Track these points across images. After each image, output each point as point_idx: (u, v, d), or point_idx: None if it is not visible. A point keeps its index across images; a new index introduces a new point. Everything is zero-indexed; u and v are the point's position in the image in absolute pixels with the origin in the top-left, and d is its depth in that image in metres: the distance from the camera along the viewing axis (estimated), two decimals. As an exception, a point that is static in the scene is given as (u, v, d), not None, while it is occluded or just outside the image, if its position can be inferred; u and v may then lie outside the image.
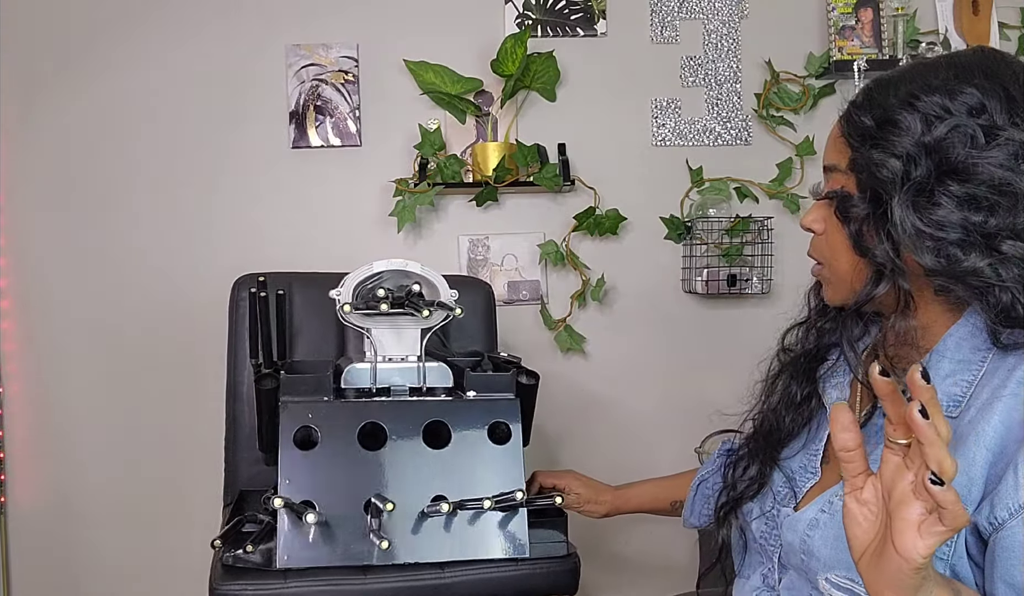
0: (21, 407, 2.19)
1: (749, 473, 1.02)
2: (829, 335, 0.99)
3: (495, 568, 1.14)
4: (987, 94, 0.78)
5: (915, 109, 0.80)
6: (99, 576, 2.20)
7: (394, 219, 2.12)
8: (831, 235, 0.89)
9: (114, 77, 2.18)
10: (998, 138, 0.77)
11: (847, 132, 0.86)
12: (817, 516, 0.86)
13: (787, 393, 1.01)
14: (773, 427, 1.01)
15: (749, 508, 1.01)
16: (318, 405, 1.17)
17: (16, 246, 2.19)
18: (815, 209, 0.92)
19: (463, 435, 1.18)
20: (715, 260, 2.13)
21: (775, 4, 2.21)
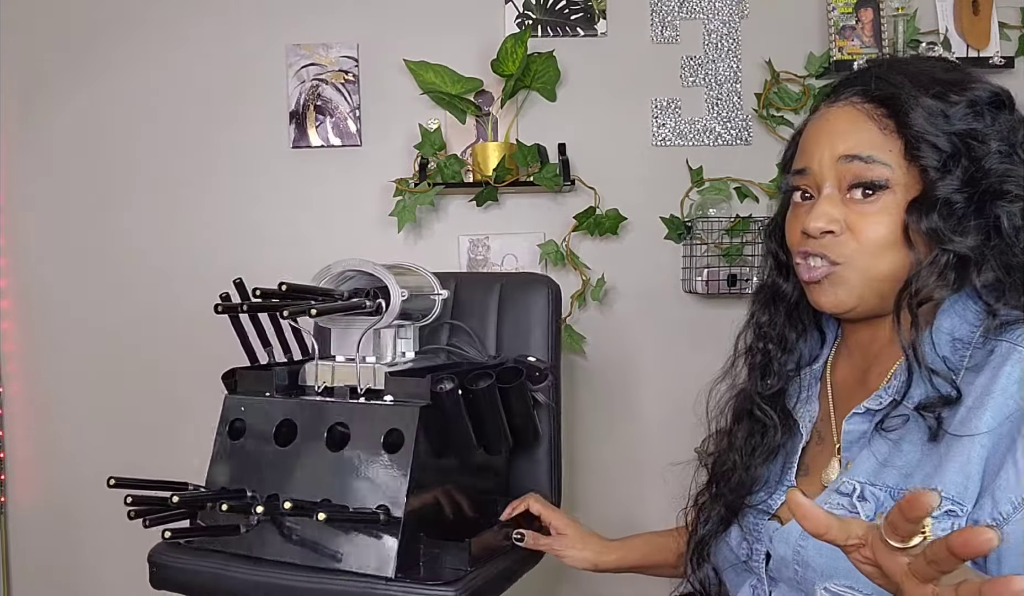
0: (21, 407, 2.19)
1: (715, 513, 0.97)
2: (788, 365, 0.96)
3: (348, 581, 1.09)
4: (991, 91, 0.83)
5: (975, 99, 0.82)
6: (99, 576, 2.20)
7: (394, 219, 2.12)
8: (866, 233, 0.82)
9: (114, 77, 2.18)
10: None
11: (903, 122, 0.81)
12: None
13: (759, 440, 0.94)
14: (742, 479, 0.94)
15: (722, 538, 0.96)
16: (254, 400, 1.22)
17: (16, 246, 2.19)
18: (828, 208, 0.84)
19: (360, 440, 1.15)
20: (715, 260, 2.13)
21: (775, 4, 2.21)
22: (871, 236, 0.83)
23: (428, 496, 1.16)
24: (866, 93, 0.85)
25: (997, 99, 0.83)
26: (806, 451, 0.93)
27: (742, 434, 0.97)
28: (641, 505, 2.15)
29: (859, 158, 0.83)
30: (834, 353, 0.97)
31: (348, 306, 1.20)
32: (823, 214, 0.84)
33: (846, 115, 0.86)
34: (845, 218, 0.84)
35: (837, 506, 0.82)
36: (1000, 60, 2.14)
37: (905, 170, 0.81)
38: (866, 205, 0.83)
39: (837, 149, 0.84)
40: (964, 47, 2.17)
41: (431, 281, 1.36)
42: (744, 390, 1.00)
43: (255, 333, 1.36)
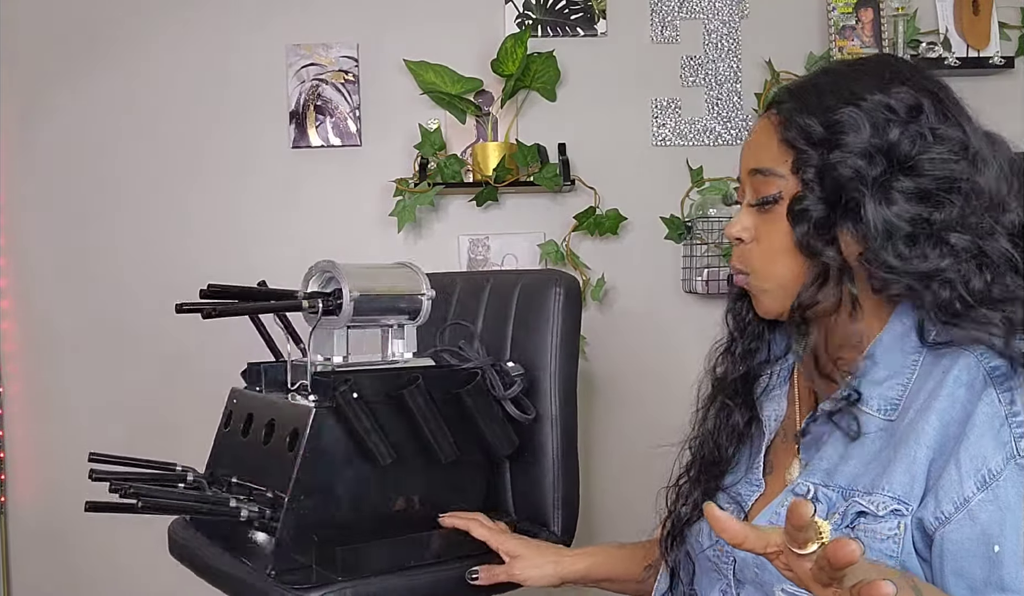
0: (21, 407, 2.19)
1: (692, 499, 0.99)
2: (757, 354, 0.98)
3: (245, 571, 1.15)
4: (920, 94, 0.82)
5: (861, 109, 0.81)
6: (99, 576, 2.20)
7: (394, 219, 2.12)
8: (766, 242, 0.87)
9: (114, 77, 2.18)
10: (938, 135, 0.80)
11: (788, 135, 0.84)
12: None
13: (724, 420, 0.98)
14: (715, 457, 0.98)
15: (697, 529, 0.98)
16: (241, 393, 1.32)
17: (16, 246, 2.19)
18: (742, 217, 0.89)
19: (277, 437, 1.20)
20: (715, 260, 2.13)
21: (775, 4, 2.21)
22: (765, 245, 0.87)
23: (322, 498, 1.16)
24: (779, 103, 0.88)
25: (890, 108, 0.82)
26: (772, 449, 0.94)
27: (712, 413, 1.00)
28: (641, 505, 2.14)
29: (759, 172, 0.87)
30: (812, 349, 0.96)
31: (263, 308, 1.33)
32: (736, 222, 0.89)
33: (761, 127, 0.89)
34: (755, 227, 0.88)
35: None
36: (1000, 60, 2.14)
37: (795, 182, 0.84)
38: (767, 215, 0.86)
39: (749, 163, 0.89)
40: (964, 47, 2.17)
41: (419, 282, 1.36)
42: (716, 376, 1.03)
43: (285, 332, 1.39)
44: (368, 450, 1.18)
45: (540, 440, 1.38)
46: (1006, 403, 0.75)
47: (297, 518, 1.14)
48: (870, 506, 0.78)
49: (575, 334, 1.41)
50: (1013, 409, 0.75)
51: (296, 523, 1.14)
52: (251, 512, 1.13)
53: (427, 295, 1.33)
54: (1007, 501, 0.74)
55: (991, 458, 0.75)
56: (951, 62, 2.13)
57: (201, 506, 1.16)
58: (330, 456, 1.18)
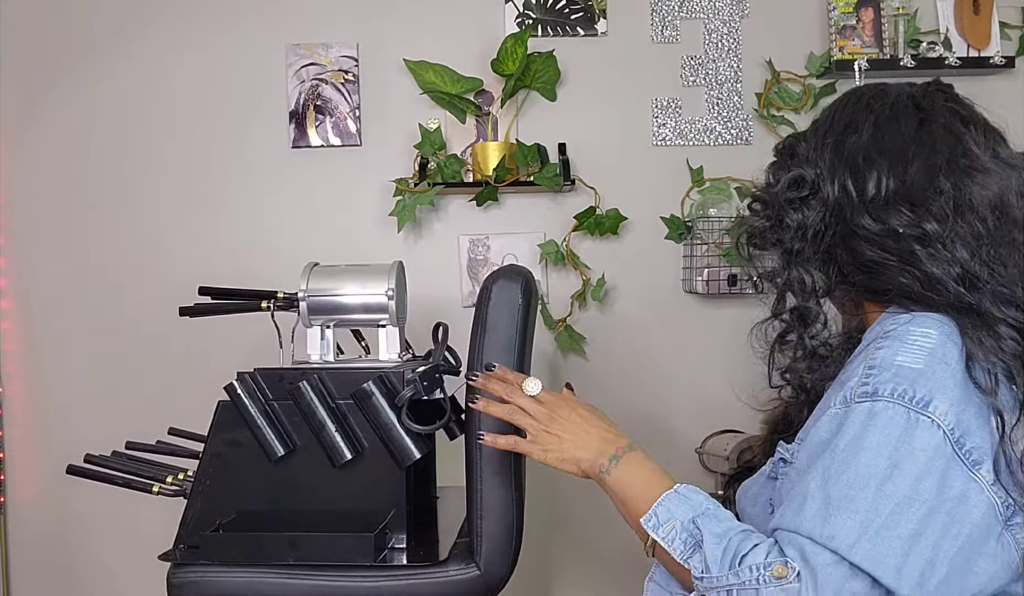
0: (21, 407, 2.19)
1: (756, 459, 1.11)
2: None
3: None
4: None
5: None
6: (99, 575, 2.20)
7: (394, 219, 2.12)
8: None
9: (114, 77, 2.18)
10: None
11: None
12: (753, 480, 1.00)
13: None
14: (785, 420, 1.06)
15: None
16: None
17: (16, 246, 2.19)
18: None
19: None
20: (716, 260, 2.12)
21: (776, 4, 2.21)
22: None
23: (223, 487, 1.28)
24: None
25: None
26: None
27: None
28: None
29: None
30: None
31: (227, 307, 1.45)
32: None
33: None
34: None
35: (768, 464, 0.98)
36: (1001, 60, 2.14)
37: None
38: None
39: None
40: (964, 47, 2.16)
41: (381, 282, 1.38)
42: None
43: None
44: (260, 443, 1.25)
45: (468, 454, 1.27)
46: (872, 356, 0.83)
47: (202, 502, 1.26)
48: (787, 454, 0.91)
49: (510, 328, 1.26)
50: (871, 360, 0.82)
51: (200, 507, 1.26)
52: (162, 489, 1.28)
53: (388, 295, 1.36)
54: (816, 432, 0.84)
55: (832, 397, 0.85)
56: (952, 62, 2.13)
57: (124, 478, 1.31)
58: (233, 448, 1.27)
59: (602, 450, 0.98)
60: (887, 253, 0.87)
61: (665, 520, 0.87)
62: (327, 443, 1.25)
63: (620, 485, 0.96)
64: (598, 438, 1.00)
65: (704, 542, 0.82)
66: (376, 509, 1.27)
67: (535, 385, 1.05)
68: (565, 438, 1.00)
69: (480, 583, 1.24)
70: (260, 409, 1.27)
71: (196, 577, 1.21)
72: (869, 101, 0.93)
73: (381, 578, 1.22)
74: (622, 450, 0.98)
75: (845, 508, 0.76)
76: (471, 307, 1.64)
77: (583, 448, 0.99)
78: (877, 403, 0.79)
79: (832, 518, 0.77)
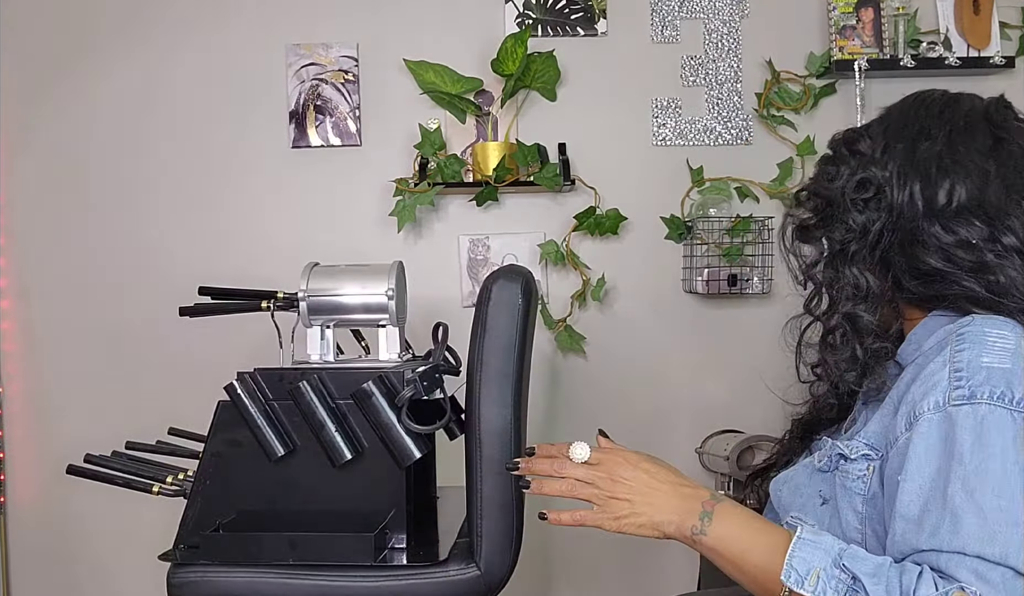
0: (21, 407, 2.19)
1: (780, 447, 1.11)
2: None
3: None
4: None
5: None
6: (99, 575, 2.20)
7: (394, 219, 2.12)
8: None
9: (114, 77, 2.18)
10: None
11: None
12: (793, 471, 1.01)
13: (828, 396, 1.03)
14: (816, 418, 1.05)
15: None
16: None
17: (16, 246, 2.19)
18: None
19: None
20: (716, 260, 2.12)
21: (776, 4, 2.21)
22: None
23: (224, 486, 1.28)
24: None
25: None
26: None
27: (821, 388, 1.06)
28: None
29: None
30: None
31: (227, 307, 1.46)
32: None
33: None
34: None
35: (810, 453, 1.02)
36: (1001, 60, 2.14)
37: None
38: None
39: None
40: (964, 47, 2.16)
41: (381, 282, 1.38)
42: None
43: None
44: (260, 443, 1.25)
45: (468, 454, 1.27)
46: (954, 358, 0.83)
47: (202, 502, 1.26)
48: (846, 450, 0.91)
49: (510, 328, 1.26)
50: (957, 363, 0.82)
51: (200, 507, 1.26)
52: (162, 489, 1.28)
53: (388, 295, 1.37)
54: (920, 439, 0.82)
55: (920, 402, 0.83)
56: (952, 62, 2.13)
57: (124, 478, 1.31)
58: (233, 448, 1.27)
59: (687, 508, 0.90)
60: (953, 263, 0.88)
61: (806, 573, 0.81)
62: (327, 443, 1.25)
63: (724, 544, 0.88)
64: (675, 495, 0.92)
65: (864, 585, 0.78)
66: (376, 509, 1.27)
67: (583, 450, 0.95)
68: (637, 500, 0.92)
69: (480, 583, 1.24)
70: (260, 409, 1.27)
71: (196, 577, 1.21)
72: (942, 109, 0.93)
73: (381, 578, 1.22)
74: (709, 504, 0.90)
75: (1004, 521, 0.76)
76: (471, 307, 1.64)
77: (662, 510, 0.91)
78: (979, 406, 0.80)
79: (998, 535, 0.76)
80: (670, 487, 0.92)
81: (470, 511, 1.27)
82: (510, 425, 1.25)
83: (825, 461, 0.94)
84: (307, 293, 1.37)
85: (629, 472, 0.93)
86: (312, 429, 1.25)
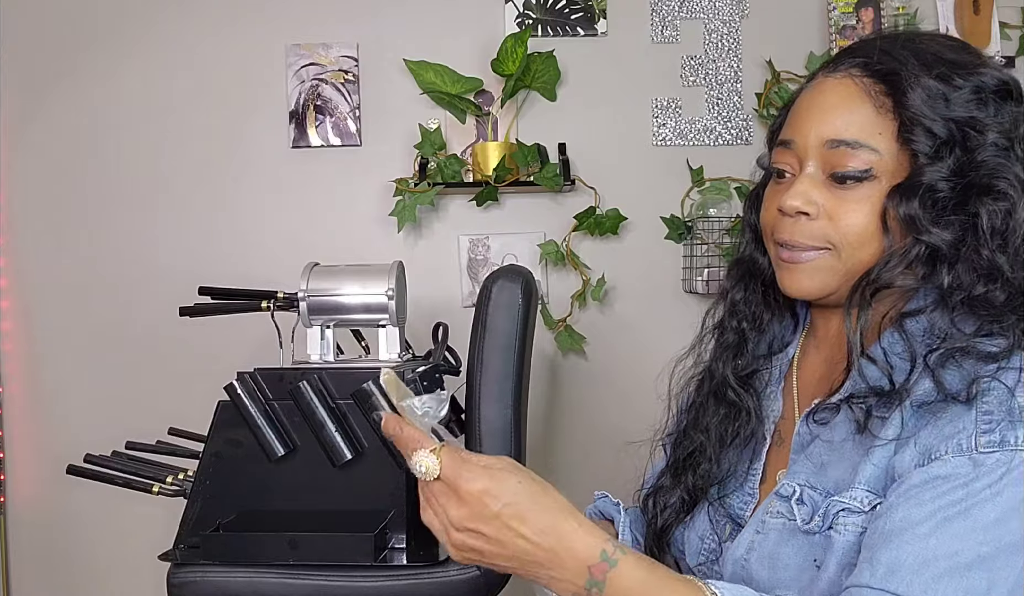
0: (21, 407, 2.19)
1: (673, 504, 0.91)
2: (758, 347, 0.91)
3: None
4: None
5: (984, 87, 0.77)
6: (99, 575, 2.20)
7: (394, 219, 2.12)
8: (846, 219, 0.78)
9: (114, 77, 2.18)
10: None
11: (904, 102, 0.76)
12: (752, 538, 0.81)
13: (726, 423, 0.89)
14: (710, 469, 0.89)
15: (685, 539, 0.90)
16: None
17: (16, 246, 2.19)
18: (806, 188, 0.80)
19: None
20: (716, 260, 2.12)
21: (776, 4, 2.21)
22: (846, 223, 0.78)
23: (224, 487, 1.28)
24: (867, 66, 0.79)
25: (1004, 88, 0.77)
26: (768, 453, 0.88)
27: (715, 419, 0.90)
28: (641, 505, 2.14)
29: (845, 144, 0.78)
30: (801, 345, 0.91)
31: (227, 307, 1.47)
32: (801, 193, 0.80)
33: (842, 89, 0.80)
34: (824, 202, 0.79)
35: (776, 514, 0.79)
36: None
37: (895, 154, 0.77)
38: (846, 191, 0.78)
39: (824, 131, 0.79)
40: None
41: (381, 282, 1.38)
42: (712, 370, 0.94)
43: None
44: (260, 443, 1.26)
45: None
46: (983, 399, 0.70)
47: (202, 502, 1.27)
48: (852, 502, 0.74)
49: (510, 328, 1.28)
50: (986, 405, 0.70)
51: (200, 507, 1.27)
52: (162, 489, 1.28)
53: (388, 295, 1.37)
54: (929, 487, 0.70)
55: (940, 445, 0.70)
56: (952, 62, 2.13)
57: (124, 478, 1.32)
58: (233, 448, 1.27)
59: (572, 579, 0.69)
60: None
61: None
62: (327, 443, 1.25)
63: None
64: (557, 564, 0.69)
65: None
66: (376, 509, 1.27)
67: (427, 464, 0.69)
68: (518, 570, 0.71)
69: (480, 583, 1.24)
70: (260, 409, 1.27)
71: (196, 577, 1.22)
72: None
73: (381, 578, 1.22)
74: (599, 569, 0.68)
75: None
76: (471, 307, 1.64)
77: (548, 583, 0.70)
78: (1017, 454, 0.68)
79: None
80: (549, 555, 0.68)
81: None
82: (510, 425, 1.25)
83: (817, 521, 0.76)
84: (307, 293, 1.38)
85: (502, 534, 0.68)
86: (312, 429, 1.25)
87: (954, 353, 0.72)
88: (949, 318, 0.74)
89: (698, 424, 0.92)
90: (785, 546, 0.78)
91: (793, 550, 0.77)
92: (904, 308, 0.78)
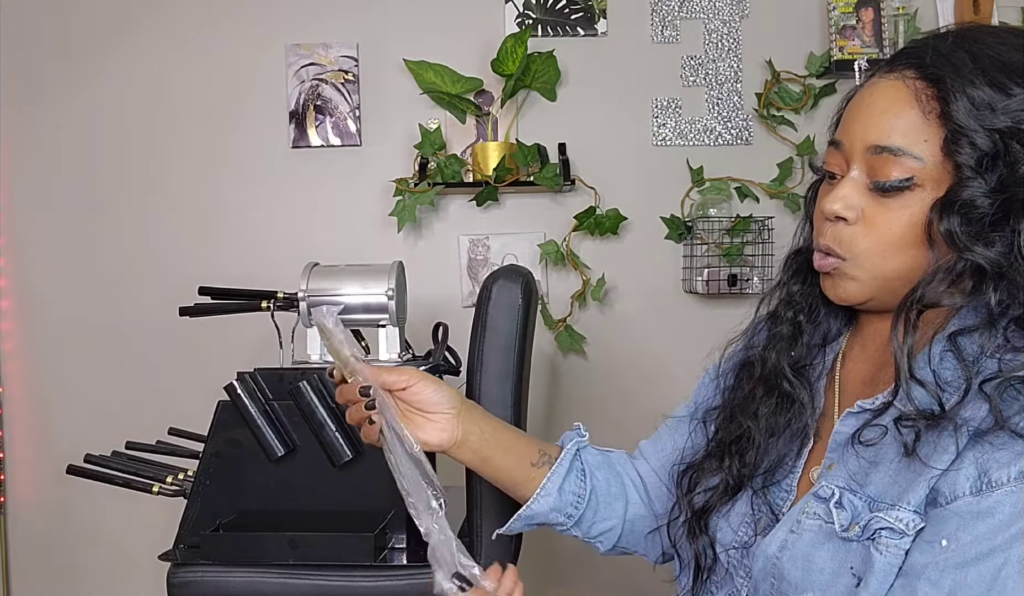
0: (21, 407, 2.19)
1: (713, 483, 0.90)
2: (816, 335, 0.90)
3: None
4: None
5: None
6: (99, 575, 2.20)
7: (394, 219, 2.12)
8: (880, 228, 0.77)
9: (114, 77, 2.18)
10: None
11: (949, 110, 0.73)
12: (786, 537, 0.79)
13: (778, 413, 0.87)
14: (757, 458, 0.87)
15: (721, 523, 0.89)
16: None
17: (16, 246, 2.19)
18: (848, 192, 0.78)
19: None
20: (716, 260, 2.12)
21: (776, 4, 2.21)
22: (884, 233, 0.77)
23: (224, 485, 1.29)
24: (921, 68, 0.77)
25: None
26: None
27: (766, 409, 0.88)
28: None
29: (889, 150, 0.76)
30: (847, 342, 0.90)
31: (227, 307, 1.48)
32: (841, 198, 0.79)
33: (892, 91, 0.78)
34: (864, 207, 0.78)
35: (812, 515, 0.78)
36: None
37: (940, 162, 0.74)
38: (888, 199, 0.76)
39: (869, 136, 0.78)
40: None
41: (381, 282, 1.38)
42: (764, 358, 0.91)
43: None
44: (260, 443, 1.26)
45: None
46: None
47: (202, 502, 1.27)
48: (898, 524, 0.72)
49: (510, 328, 1.27)
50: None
51: (200, 507, 1.27)
52: (162, 489, 1.29)
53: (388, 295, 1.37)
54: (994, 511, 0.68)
55: (999, 472, 0.68)
56: (952, 62, 2.13)
57: (124, 478, 1.33)
58: (233, 448, 1.28)
59: None
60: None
61: None
62: (327, 443, 1.25)
63: None
64: None
65: None
66: (376, 509, 1.27)
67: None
68: None
69: (480, 583, 1.24)
70: (260, 409, 1.27)
71: (196, 577, 1.22)
72: None
73: (381, 578, 1.22)
74: None
75: None
76: (471, 307, 1.64)
77: None
78: None
79: None
80: None
81: (470, 511, 1.27)
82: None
83: (856, 529, 0.74)
84: (307, 293, 1.38)
85: None
86: (312, 429, 1.25)
87: (1013, 381, 0.70)
88: (1002, 338, 0.72)
89: (746, 410, 0.90)
90: (820, 549, 0.76)
91: (828, 554, 0.76)
92: (953, 324, 0.76)
